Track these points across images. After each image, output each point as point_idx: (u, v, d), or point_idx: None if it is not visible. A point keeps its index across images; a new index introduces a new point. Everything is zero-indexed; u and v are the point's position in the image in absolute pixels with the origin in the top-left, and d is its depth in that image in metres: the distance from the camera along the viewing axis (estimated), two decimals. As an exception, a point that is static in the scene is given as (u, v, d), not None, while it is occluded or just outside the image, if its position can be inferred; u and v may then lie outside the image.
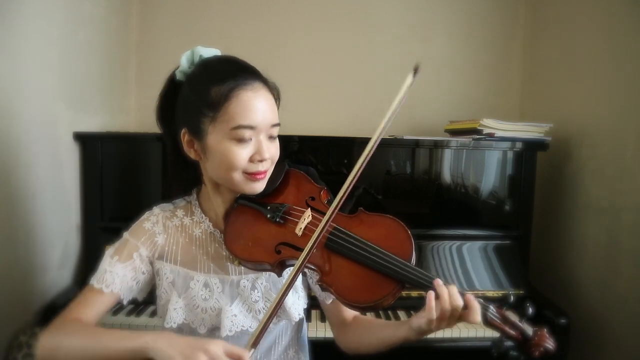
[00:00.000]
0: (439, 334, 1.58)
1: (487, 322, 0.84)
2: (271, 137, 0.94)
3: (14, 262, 1.43)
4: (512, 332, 0.83)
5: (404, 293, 0.87)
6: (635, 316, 1.58)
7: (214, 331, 0.99)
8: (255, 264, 0.95)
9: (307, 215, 0.95)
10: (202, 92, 0.90)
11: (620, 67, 1.69)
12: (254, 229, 0.97)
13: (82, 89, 1.80)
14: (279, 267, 0.94)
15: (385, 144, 1.90)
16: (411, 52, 2.33)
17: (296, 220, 0.96)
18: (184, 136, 0.95)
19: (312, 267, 0.91)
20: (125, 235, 1.01)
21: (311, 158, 1.84)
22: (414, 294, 1.70)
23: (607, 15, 1.78)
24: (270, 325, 1.00)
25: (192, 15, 2.29)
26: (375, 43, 2.33)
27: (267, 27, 2.30)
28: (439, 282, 0.84)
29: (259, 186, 0.95)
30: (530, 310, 0.86)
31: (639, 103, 1.60)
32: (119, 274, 0.96)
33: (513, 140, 1.86)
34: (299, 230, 0.94)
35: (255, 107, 0.90)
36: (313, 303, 1.16)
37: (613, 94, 1.72)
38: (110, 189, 1.78)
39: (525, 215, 1.88)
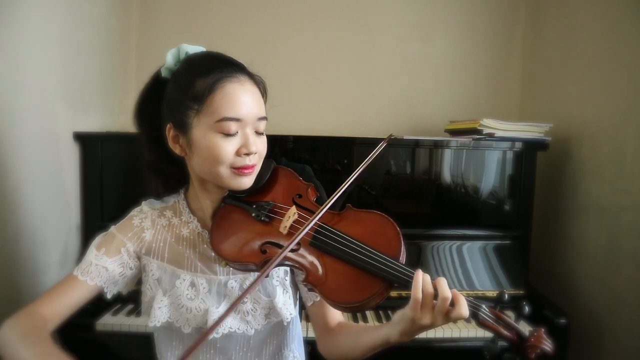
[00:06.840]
0: (439, 334, 1.60)
1: (480, 322, 0.79)
2: (258, 132, 0.92)
3: (14, 262, 1.44)
4: (506, 333, 0.78)
5: (396, 293, 0.82)
6: (635, 316, 1.58)
7: (199, 331, 0.97)
8: (242, 265, 0.93)
9: (293, 213, 0.93)
10: (187, 85, 0.89)
11: (621, 67, 1.69)
12: (239, 229, 0.94)
13: (82, 89, 1.80)
14: (265, 267, 0.91)
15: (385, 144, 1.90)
16: (411, 52, 2.34)
17: (281, 218, 0.93)
18: (169, 131, 0.93)
19: (296, 265, 0.88)
20: (113, 229, 1.00)
21: (309, 158, 1.83)
22: (404, 293, 1.70)
23: (607, 15, 1.78)
24: (246, 314, 0.98)
25: (192, 16, 2.29)
26: (376, 43, 2.33)
27: (268, 27, 2.30)
28: (420, 272, 0.80)
29: (247, 181, 0.92)
30: (527, 309, 0.79)
31: (639, 103, 1.60)
32: (107, 268, 0.95)
33: (513, 140, 1.86)
34: (283, 229, 0.91)
35: (241, 99, 0.88)
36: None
37: (613, 94, 1.72)
38: (110, 189, 1.78)
39: (525, 215, 1.88)
